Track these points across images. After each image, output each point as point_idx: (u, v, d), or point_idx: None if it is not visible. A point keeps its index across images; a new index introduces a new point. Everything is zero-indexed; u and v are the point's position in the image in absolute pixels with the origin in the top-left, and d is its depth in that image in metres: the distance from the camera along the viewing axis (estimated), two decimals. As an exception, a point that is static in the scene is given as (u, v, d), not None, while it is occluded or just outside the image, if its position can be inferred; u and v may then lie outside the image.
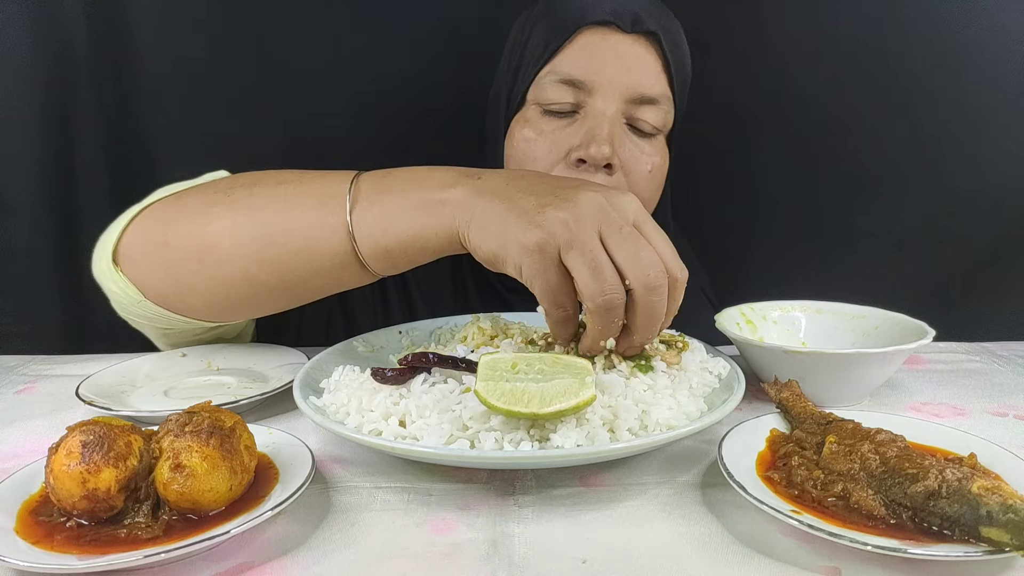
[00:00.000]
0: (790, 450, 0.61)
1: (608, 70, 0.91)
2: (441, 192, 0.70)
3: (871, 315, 0.88)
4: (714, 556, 0.53)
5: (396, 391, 0.67)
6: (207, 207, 0.79)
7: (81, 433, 0.53)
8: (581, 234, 0.62)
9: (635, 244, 0.62)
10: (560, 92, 0.92)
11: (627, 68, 0.91)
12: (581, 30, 0.92)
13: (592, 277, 0.61)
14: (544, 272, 0.63)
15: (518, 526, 0.57)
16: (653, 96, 0.93)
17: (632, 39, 0.92)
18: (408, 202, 0.72)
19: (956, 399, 0.82)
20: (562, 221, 0.62)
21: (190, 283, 0.80)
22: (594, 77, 0.91)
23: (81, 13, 1.17)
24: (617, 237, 0.62)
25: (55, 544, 0.52)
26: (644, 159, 0.94)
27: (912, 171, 1.33)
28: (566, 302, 0.64)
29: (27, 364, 0.97)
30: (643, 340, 0.66)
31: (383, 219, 0.72)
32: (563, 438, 0.59)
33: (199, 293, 0.81)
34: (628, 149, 0.93)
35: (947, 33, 1.28)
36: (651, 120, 0.94)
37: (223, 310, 0.83)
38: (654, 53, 0.93)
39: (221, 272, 0.78)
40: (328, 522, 0.58)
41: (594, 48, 0.92)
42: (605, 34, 0.92)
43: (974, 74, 1.29)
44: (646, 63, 0.93)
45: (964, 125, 1.31)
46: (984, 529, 0.49)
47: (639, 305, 0.63)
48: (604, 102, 0.91)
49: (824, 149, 1.34)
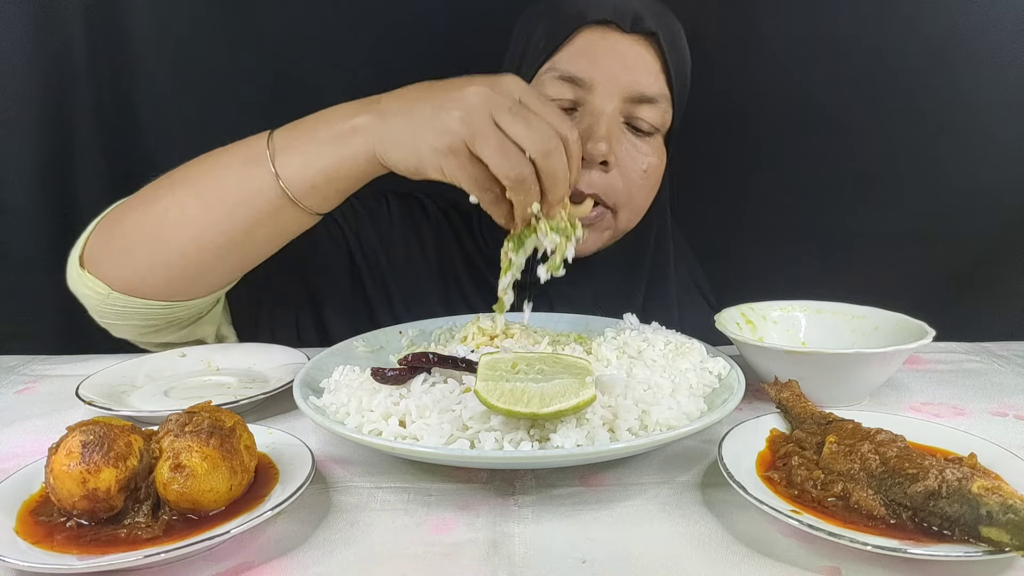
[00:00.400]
0: (790, 450, 0.61)
1: (607, 69, 0.92)
2: (349, 121, 0.78)
3: (871, 315, 0.88)
4: (714, 556, 0.53)
5: (396, 391, 0.67)
6: (151, 192, 0.87)
7: (81, 433, 0.53)
8: (479, 125, 0.70)
9: (525, 119, 0.70)
10: (560, 89, 0.93)
11: (626, 67, 0.93)
12: (581, 28, 0.93)
13: (499, 160, 0.69)
14: (462, 168, 0.71)
15: (518, 526, 0.57)
16: (651, 95, 0.94)
17: (632, 39, 0.93)
18: (322, 137, 0.79)
19: (956, 399, 0.82)
20: (460, 119, 0.70)
21: (147, 262, 0.86)
22: (593, 75, 0.92)
23: (80, 15, 1.17)
24: (508, 117, 0.70)
25: (55, 544, 0.52)
26: (640, 158, 0.96)
27: (912, 171, 1.33)
28: (491, 185, 0.72)
29: (27, 364, 0.97)
30: (557, 199, 0.73)
31: (303, 158, 0.79)
32: (563, 438, 0.59)
33: (156, 269, 0.86)
34: (625, 147, 0.95)
35: (946, 33, 1.28)
36: (649, 119, 0.95)
37: (183, 283, 0.88)
38: (653, 53, 0.94)
39: (172, 244, 0.84)
40: (328, 522, 0.58)
41: (594, 47, 0.93)
42: (605, 33, 0.93)
43: (974, 73, 1.29)
44: (645, 63, 0.94)
45: (963, 125, 1.31)
46: (984, 529, 0.49)
47: (542, 170, 0.71)
48: (603, 100, 0.93)
49: (824, 149, 1.34)
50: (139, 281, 0.87)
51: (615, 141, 0.93)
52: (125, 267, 0.87)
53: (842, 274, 1.19)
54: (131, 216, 0.87)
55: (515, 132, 0.70)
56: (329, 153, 0.78)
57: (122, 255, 0.87)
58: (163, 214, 0.84)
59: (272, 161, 0.80)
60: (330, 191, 0.81)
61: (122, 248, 0.87)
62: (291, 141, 0.81)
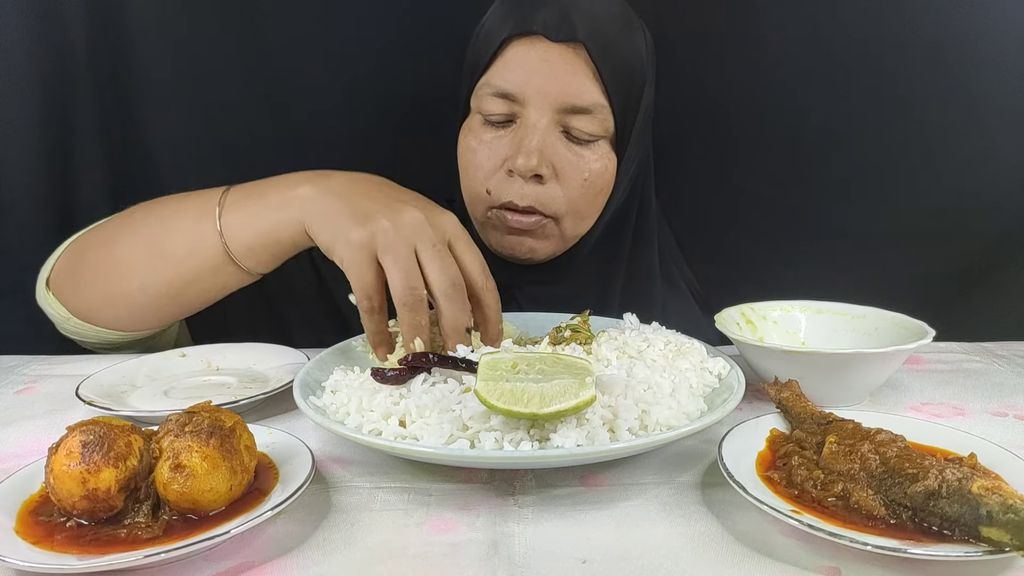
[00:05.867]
0: (790, 450, 0.61)
1: (536, 81, 0.91)
2: (293, 190, 0.82)
3: (871, 315, 0.88)
4: (714, 556, 0.53)
5: (396, 391, 0.67)
6: (113, 230, 0.92)
7: (81, 433, 0.53)
8: (398, 243, 0.74)
9: (441, 260, 0.75)
10: (495, 104, 0.93)
11: (555, 77, 0.91)
12: (511, 41, 0.92)
13: (400, 279, 0.73)
14: (359, 266, 0.75)
15: (518, 526, 0.57)
16: (584, 106, 0.92)
17: (560, 48, 0.91)
18: (265, 202, 0.83)
19: (956, 399, 0.82)
20: (384, 229, 0.74)
21: (100, 298, 0.92)
22: (524, 88, 0.91)
23: (80, 14, 1.17)
24: (429, 252, 0.75)
25: (55, 544, 0.52)
26: (581, 166, 0.94)
27: (912, 170, 1.33)
28: (374, 295, 0.76)
29: (27, 364, 0.97)
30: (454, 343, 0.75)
31: (245, 219, 0.84)
32: (563, 438, 0.59)
33: (108, 306, 0.92)
34: (564, 158, 0.93)
35: (946, 32, 1.28)
36: (586, 129, 0.93)
37: (130, 320, 0.93)
38: (585, 61, 0.91)
39: (121, 287, 0.89)
40: (328, 522, 0.58)
41: (523, 59, 0.92)
42: (533, 43, 0.91)
43: (974, 72, 1.29)
44: (576, 72, 0.91)
45: (963, 124, 1.31)
46: (984, 529, 0.49)
47: (441, 310, 0.75)
48: (536, 113, 0.91)
49: (824, 148, 1.34)
50: (94, 313, 0.93)
51: (552, 153, 0.92)
52: (82, 298, 0.93)
53: (842, 274, 1.19)
54: (91, 252, 0.93)
55: (428, 267, 0.75)
56: (267, 216, 0.83)
57: (80, 287, 0.93)
58: (117, 257, 0.89)
59: (219, 218, 0.84)
60: (264, 255, 0.85)
61: (81, 280, 0.92)
62: (240, 201, 0.85)
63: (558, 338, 0.78)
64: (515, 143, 0.92)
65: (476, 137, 0.96)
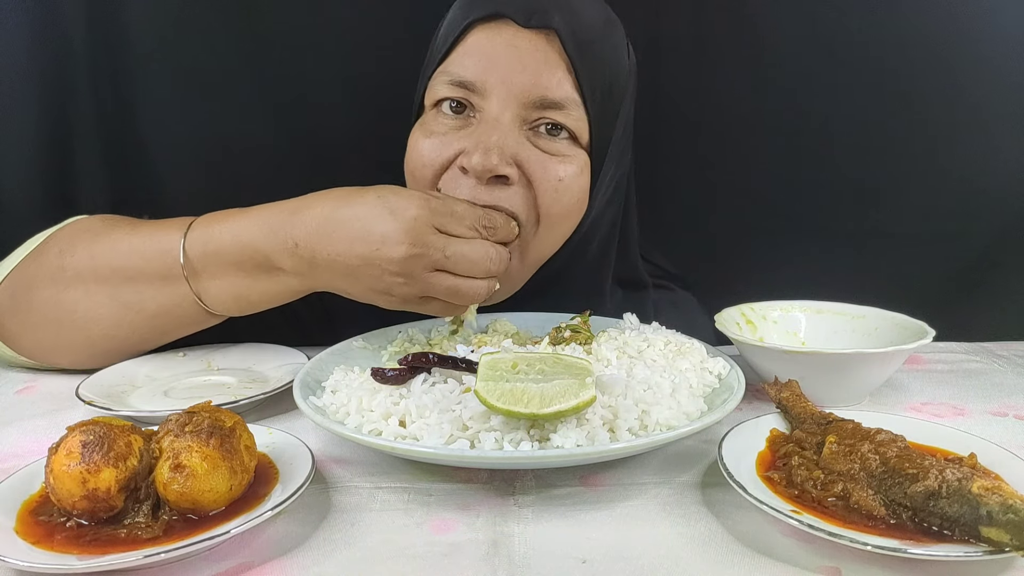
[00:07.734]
0: (790, 450, 0.61)
1: (500, 70, 0.80)
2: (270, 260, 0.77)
3: (871, 315, 0.88)
4: (714, 556, 0.53)
5: (396, 391, 0.67)
6: (59, 272, 0.83)
7: (81, 433, 0.53)
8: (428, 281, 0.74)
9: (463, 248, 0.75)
10: (450, 92, 0.82)
11: (522, 66, 0.79)
12: (474, 26, 0.81)
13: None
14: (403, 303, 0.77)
15: (518, 526, 0.57)
16: (556, 100, 0.80)
17: (530, 34, 0.80)
18: (244, 269, 0.79)
19: (956, 399, 0.82)
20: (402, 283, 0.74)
21: (53, 344, 0.87)
22: (484, 77, 0.80)
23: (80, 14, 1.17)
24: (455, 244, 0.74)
25: (55, 544, 0.52)
26: (555, 167, 0.82)
27: (912, 171, 1.33)
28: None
29: (27, 364, 0.96)
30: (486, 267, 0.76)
31: (231, 291, 0.81)
32: (563, 438, 0.59)
33: (63, 352, 0.87)
34: (534, 157, 0.81)
35: (947, 32, 1.28)
36: (558, 122, 0.81)
37: (89, 362, 0.87)
38: (557, 53, 0.80)
39: (81, 335, 0.84)
40: (328, 522, 0.58)
41: (486, 45, 0.81)
42: (499, 28, 0.81)
43: (974, 73, 1.29)
44: (547, 61, 0.80)
45: (963, 124, 1.31)
46: (984, 529, 0.49)
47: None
48: (499, 106, 0.80)
49: (824, 149, 1.34)
50: (45, 357, 0.89)
51: (519, 151, 0.80)
52: (31, 341, 0.88)
53: (842, 274, 1.19)
54: (40, 294, 0.84)
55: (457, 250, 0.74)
56: (256, 288, 0.80)
57: (29, 331, 0.87)
58: (73, 306, 0.83)
59: (192, 283, 0.80)
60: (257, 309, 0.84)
61: (30, 324, 0.86)
62: (208, 266, 0.79)
63: (558, 338, 0.78)
64: (472, 138, 0.80)
65: (426, 131, 0.84)
